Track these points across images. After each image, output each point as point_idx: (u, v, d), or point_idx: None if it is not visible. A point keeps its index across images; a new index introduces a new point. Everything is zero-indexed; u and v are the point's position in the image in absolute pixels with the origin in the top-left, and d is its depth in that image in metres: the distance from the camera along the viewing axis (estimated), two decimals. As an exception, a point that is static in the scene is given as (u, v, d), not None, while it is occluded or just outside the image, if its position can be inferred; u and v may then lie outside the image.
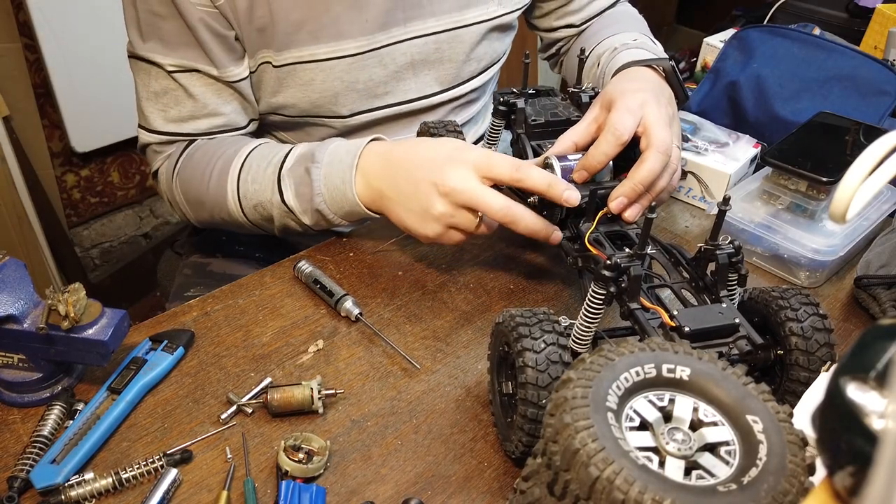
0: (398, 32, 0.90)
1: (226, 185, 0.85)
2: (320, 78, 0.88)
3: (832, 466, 0.39)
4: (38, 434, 0.60)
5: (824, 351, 0.56)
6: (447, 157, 0.72)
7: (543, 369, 0.54)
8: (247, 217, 0.86)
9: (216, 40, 0.83)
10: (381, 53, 0.90)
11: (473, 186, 0.70)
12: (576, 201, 0.69)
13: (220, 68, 0.85)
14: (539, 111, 0.83)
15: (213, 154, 0.87)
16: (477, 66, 1.01)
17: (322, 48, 0.86)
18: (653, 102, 0.74)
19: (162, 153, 0.92)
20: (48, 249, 1.81)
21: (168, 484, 0.57)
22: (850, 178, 0.39)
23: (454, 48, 0.96)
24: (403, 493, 0.58)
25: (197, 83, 0.86)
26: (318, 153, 0.80)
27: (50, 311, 0.60)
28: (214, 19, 0.82)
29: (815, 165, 0.80)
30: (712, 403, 0.43)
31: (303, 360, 0.71)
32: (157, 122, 0.89)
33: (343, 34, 0.87)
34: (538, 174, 0.70)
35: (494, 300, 0.79)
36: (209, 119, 0.89)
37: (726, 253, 0.59)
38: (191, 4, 0.80)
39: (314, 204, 0.80)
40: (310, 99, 0.90)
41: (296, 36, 0.85)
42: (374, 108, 0.94)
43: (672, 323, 0.55)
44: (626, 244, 0.69)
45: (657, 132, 0.71)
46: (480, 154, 0.72)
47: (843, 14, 1.42)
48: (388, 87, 0.94)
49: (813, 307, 0.58)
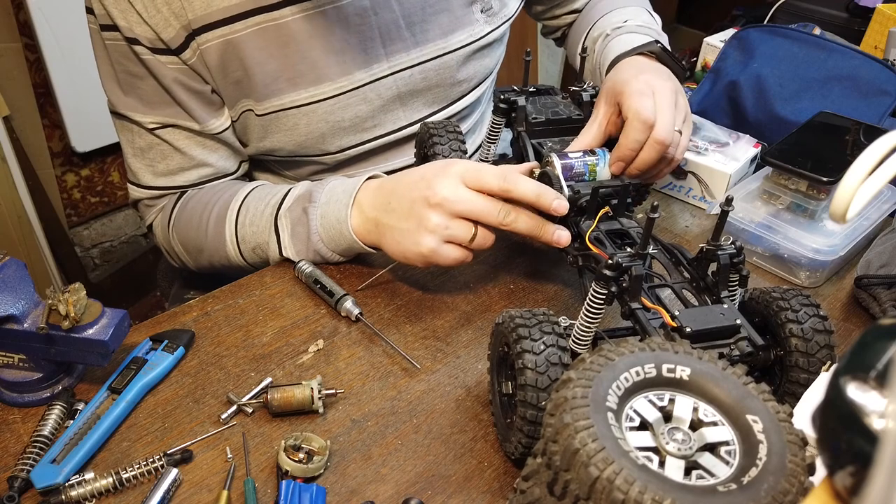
0: (381, 69, 0.89)
1: (223, 229, 0.85)
2: (304, 122, 0.88)
3: (832, 466, 0.39)
4: (39, 434, 0.60)
5: (824, 353, 0.56)
6: (435, 172, 0.71)
7: (543, 371, 0.54)
8: (246, 260, 0.86)
9: (193, 97, 0.83)
10: (363, 91, 0.89)
11: (464, 194, 0.69)
12: (564, 210, 0.69)
13: (201, 123, 0.85)
14: (540, 109, 0.83)
15: (208, 200, 0.87)
16: (468, 86, 0.99)
17: (302, 94, 0.86)
18: (657, 81, 0.75)
19: (154, 206, 0.93)
20: (48, 249, 1.81)
21: (168, 484, 0.57)
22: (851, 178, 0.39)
23: (441, 74, 0.94)
24: (403, 493, 0.58)
25: (180, 137, 0.86)
26: (315, 193, 0.80)
27: (50, 311, 0.60)
28: (188, 77, 0.82)
29: (816, 165, 0.80)
30: (712, 403, 0.43)
31: (303, 360, 0.71)
32: (145, 177, 0.89)
33: (322, 78, 0.86)
34: (526, 184, 0.69)
35: (495, 300, 0.79)
36: (198, 170, 0.89)
37: (728, 253, 0.59)
38: (162, 65, 0.80)
39: (312, 244, 0.79)
40: (296, 142, 0.90)
41: (274, 86, 0.84)
42: (363, 142, 0.93)
43: (674, 323, 0.55)
44: (627, 243, 0.69)
45: (660, 121, 0.72)
46: (468, 165, 0.71)
47: (844, 14, 1.42)
48: (377, 121, 0.93)
49: (814, 308, 0.58)
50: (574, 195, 0.71)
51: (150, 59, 0.80)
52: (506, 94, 0.84)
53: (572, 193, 0.71)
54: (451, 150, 0.82)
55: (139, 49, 0.79)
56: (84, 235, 2.04)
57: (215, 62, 0.81)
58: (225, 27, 0.79)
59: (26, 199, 1.71)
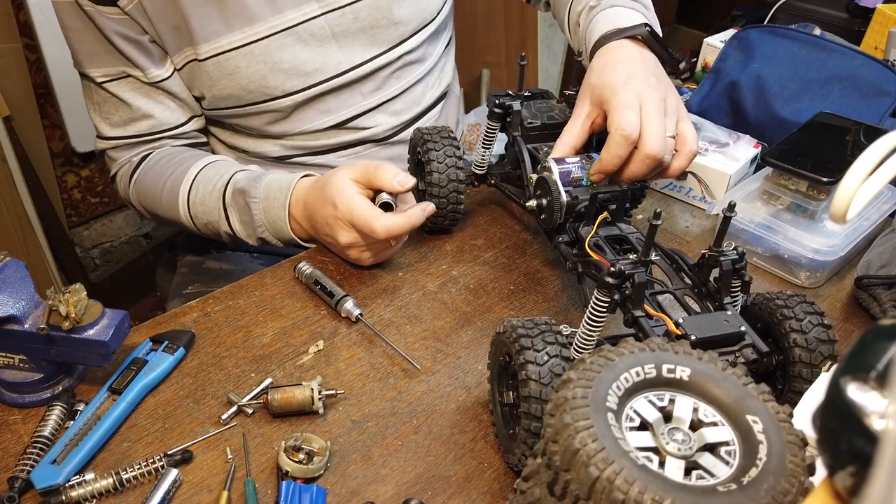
0: (311, 8, 0.91)
1: (177, 203, 0.93)
2: (244, 64, 0.90)
3: (832, 467, 0.39)
4: (39, 434, 0.60)
5: (829, 363, 0.56)
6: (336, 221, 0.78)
7: (546, 382, 0.53)
8: (199, 230, 0.94)
9: (133, 46, 0.88)
10: (297, 31, 0.91)
11: (356, 242, 0.79)
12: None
13: (143, 71, 0.90)
14: (535, 114, 0.83)
15: (163, 173, 0.94)
16: (405, 29, 0.99)
17: (237, 35, 0.89)
18: (646, 91, 0.72)
19: (117, 159, 0.98)
20: (48, 249, 1.80)
21: (169, 484, 0.57)
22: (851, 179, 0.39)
23: (374, 15, 0.95)
24: (404, 494, 0.58)
25: (126, 89, 0.92)
26: (252, 189, 0.86)
27: (51, 312, 0.60)
28: (127, 27, 0.87)
29: (816, 165, 0.80)
30: (712, 403, 0.43)
31: (303, 361, 0.71)
32: (104, 128, 0.96)
33: (254, 18, 0.89)
34: (391, 227, 0.76)
35: (495, 301, 0.79)
36: (146, 121, 0.95)
37: (730, 259, 0.59)
38: (103, 16, 0.86)
39: (257, 233, 0.88)
40: (241, 86, 0.92)
41: (210, 28, 0.88)
42: (308, 87, 0.95)
43: (678, 331, 0.55)
44: (626, 249, 0.68)
45: (649, 134, 0.70)
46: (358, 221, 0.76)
47: (844, 14, 1.42)
48: (316, 64, 0.94)
49: (818, 317, 0.58)
50: (572, 201, 0.70)
51: (92, 11, 0.85)
52: (500, 98, 0.84)
53: (570, 199, 0.70)
54: (446, 156, 0.82)
55: (82, 1, 0.85)
56: (84, 236, 2.04)
57: (152, 8, 0.85)
58: None
59: (26, 199, 1.70)
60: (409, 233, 0.81)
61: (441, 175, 0.82)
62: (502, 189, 0.88)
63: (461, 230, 0.90)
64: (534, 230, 0.90)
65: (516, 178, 0.86)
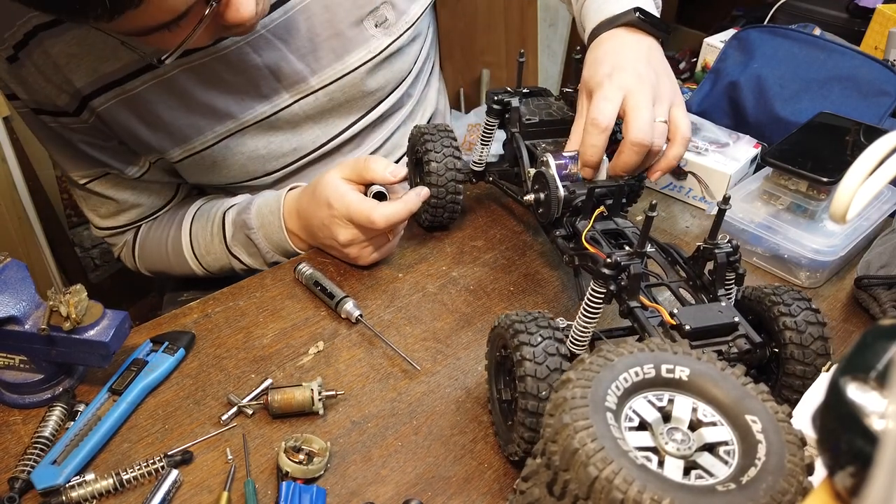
0: (282, 100, 0.89)
1: (187, 262, 0.95)
2: (220, 157, 0.90)
3: (832, 467, 0.39)
4: (39, 435, 0.60)
5: (818, 344, 0.57)
6: (332, 220, 0.79)
7: (541, 362, 0.54)
8: (216, 274, 0.96)
9: (103, 151, 0.89)
10: (269, 122, 0.90)
11: (356, 238, 0.79)
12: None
13: (119, 171, 0.91)
14: (533, 111, 0.83)
15: (160, 240, 0.97)
16: (382, 93, 0.97)
17: (209, 135, 0.88)
18: (632, 81, 0.72)
19: (116, 244, 1.01)
20: (48, 249, 1.80)
21: (169, 485, 0.57)
22: (851, 179, 0.39)
23: (348, 92, 0.92)
24: (404, 494, 0.58)
25: (107, 186, 0.93)
26: (247, 220, 0.88)
27: (51, 313, 0.60)
28: (91, 135, 0.86)
29: (816, 166, 0.80)
30: (711, 403, 0.43)
31: (303, 362, 0.71)
32: (95, 220, 0.98)
33: (224, 117, 0.87)
34: (388, 217, 0.76)
35: (494, 302, 0.79)
36: (134, 210, 0.96)
37: (725, 252, 0.60)
38: (66, 128, 0.85)
39: (267, 259, 0.90)
40: (221, 175, 0.92)
41: (180, 134, 0.87)
42: (288, 164, 0.94)
43: (672, 321, 0.55)
44: (622, 243, 0.69)
45: (634, 122, 0.69)
46: (356, 215, 0.77)
47: (844, 14, 1.42)
48: (293, 144, 0.93)
49: (805, 302, 0.59)
50: (570, 195, 0.71)
51: (55, 125, 0.85)
52: (499, 95, 0.84)
53: (568, 193, 0.71)
54: (445, 157, 0.83)
55: (44, 118, 0.84)
56: (84, 236, 2.04)
57: (114, 121, 0.84)
58: (119, 87, 0.81)
59: (26, 199, 1.70)
60: (406, 222, 0.81)
61: (439, 164, 0.82)
62: (500, 186, 0.88)
63: (461, 231, 0.90)
64: (534, 231, 0.90)
65: (514, 175, 0.86)
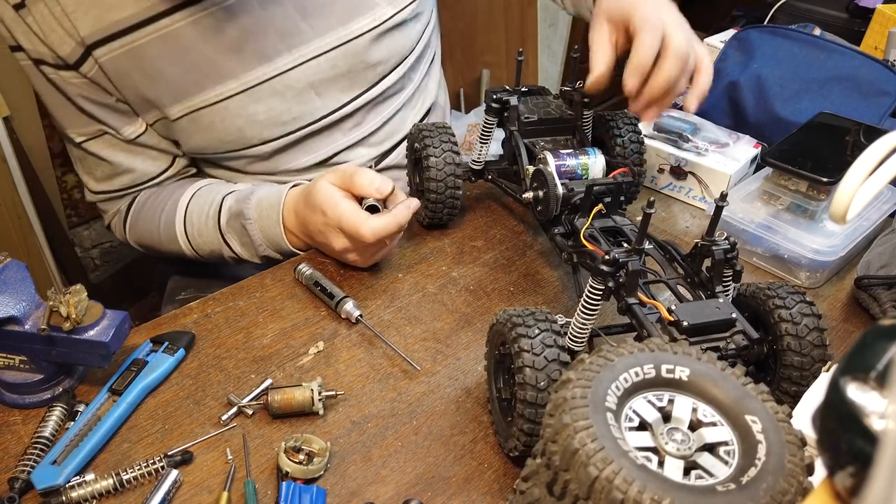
0: (284, 62, 0.89)
1: (177, 239, 0.93)
2: (218, 119, 0.89)
3: (832, 467, 0.39)
4: (39, 435, 0.60)
5: (815, 335, 0.58)
6: (328, 227, 0.79)
7: (539, 353, 0.54)
8: (206, 258, 0.95)
9: (101, 108, 0.87)
10: (271, 84, 0.89)
11: (349, 246, 0.79)
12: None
13: (116, 130, 0.89)
14: (531, 109, 0.84)
15: (153, 213, 0.95)
16: (384, 68, 0.97)
17: (210, 93, 0.87)
18: (666, 9, 0.75)
19: (108, 210, 1.00)
20: (48, 249, 1.80)
21: (169, 485, 0.57)
22: (851, 179, 0.39)
23: (350, 61, 0.92)
24: (403, 495, 0.58)
25: (103, 147, 0.91)
26: (245, 210, 0.87)
27: (51, 313, 0.60)
28: (90, 90, 0.85)
29: (816, 166, 0.80)
30: (711, 404, 0.43)
31: (303, 362, 0.71)
32: (90, 183, 0.97)
33: (226, 76, 0.86)
34: (378, 229, 0.75)
35: (494, 302, 0.79)
36: (128, 175, 0.94)
37: (722, 249, 0.60)
38: (66, 81, 0.84)
39: (259, 252, 0.89)
40: (218, 139, 0.91)
41: (181, 89, 0.86)
42: (286, 134, 0.93)
43: (670, 317, 0.55)
44: (621, 240, 0.69)
45: (675, 38, 0.73)
46: (348, 226, 0.76)
47: (844, 14, 1.42)
48: (294, 113, 0.92)
49: (800, 296, 0.59)
50: (568, 193, 0.71)
51: (56, 78, 0.84)
52: (498, 94, 0.84)
53: (566, 191, 0.71)
54: (442, 142, 0.83)
55: (46, 69, 0.83)
56: (84, 236, 2.04)
57: (116, 74, 0.84)
58: (124, 38, 0.81)
59: (26, 199, 1.70)
60: (401, 231, 0.80)
61: (438, 159, 0.83)
62: (499, 184, 0.88)
63: (461, 231, 0.90)
64: (534, 231, 0.90)
65: (513, 174, 0.87)
